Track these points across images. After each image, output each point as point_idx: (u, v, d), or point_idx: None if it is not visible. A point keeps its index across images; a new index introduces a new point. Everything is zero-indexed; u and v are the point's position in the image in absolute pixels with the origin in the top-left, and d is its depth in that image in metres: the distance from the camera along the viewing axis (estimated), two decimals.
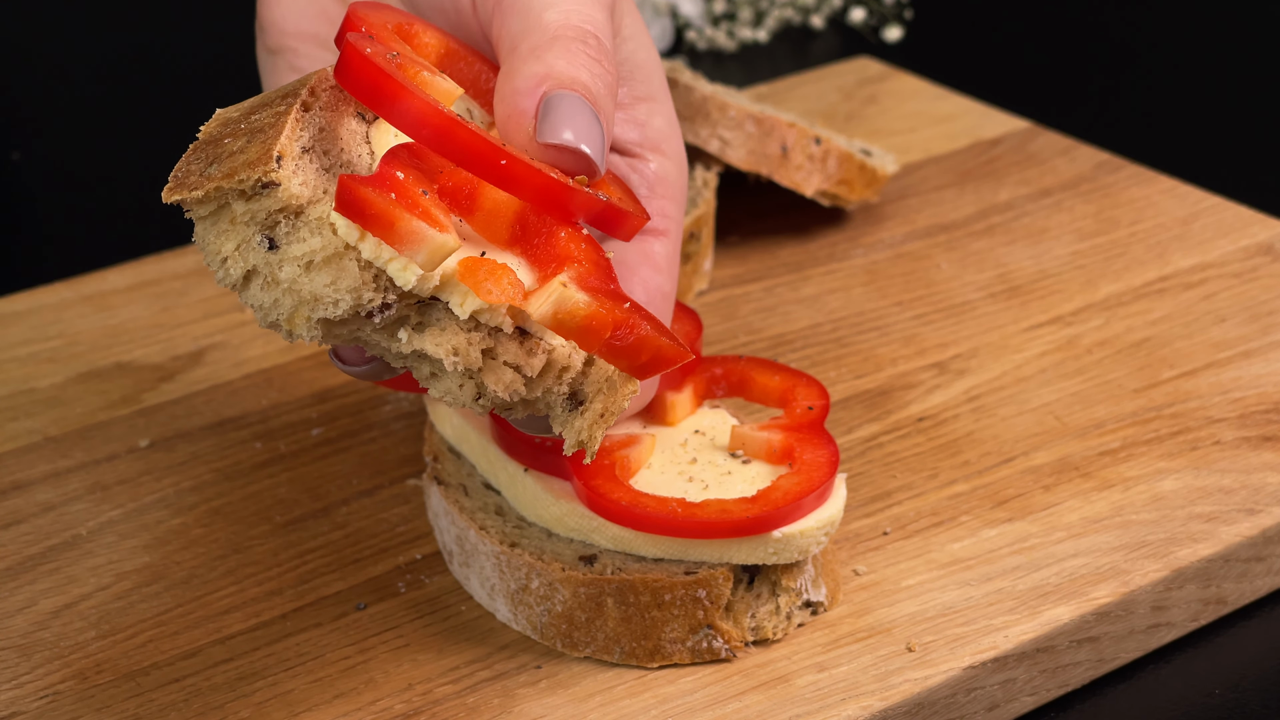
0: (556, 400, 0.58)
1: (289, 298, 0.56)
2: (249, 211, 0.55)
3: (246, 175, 0.55)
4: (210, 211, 0.56)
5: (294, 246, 0.55)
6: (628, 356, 0.57)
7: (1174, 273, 0.91)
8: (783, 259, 0.94)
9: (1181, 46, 1.28)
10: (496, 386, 0.57)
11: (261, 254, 0.56)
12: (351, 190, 0.54)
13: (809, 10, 1.31)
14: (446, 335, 0.56)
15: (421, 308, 0.57)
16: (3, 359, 0.86)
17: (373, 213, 0.54)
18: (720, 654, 0.67)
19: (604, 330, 0.56)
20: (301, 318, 0.56)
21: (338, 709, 0.65)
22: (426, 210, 0.55)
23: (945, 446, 0.79)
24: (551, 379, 0.58)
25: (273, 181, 0.55)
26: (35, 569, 0.73)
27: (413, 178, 0.56)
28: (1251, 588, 0.73)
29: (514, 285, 0.56)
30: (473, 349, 0.57)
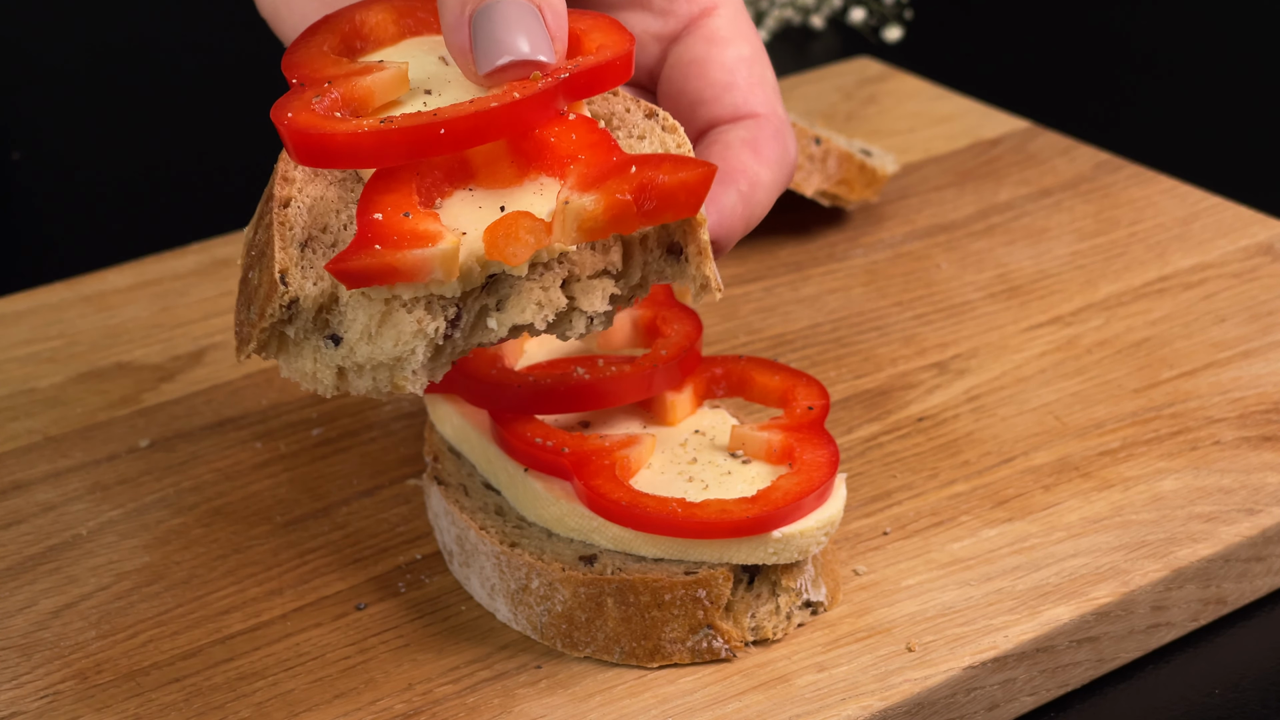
0: (662, 264, 0.59)
1: (380, 373, 0.58)
2: (299, 329, 0.58)
3: (272, 309, 0.57)
4: (275, 349, 0.59)
5: (351, 330, 0.57)
6: (666, 210, 0.57)
7: (1174, 273, 0.91)
8: (783, 259, 0.94)
9: (1181, 47, 1.28)
10: (595, 305, 0.58)
11: (333, 352, 0.58)
12: (345, 270, 0.55)
13: (809, 10, 1.31)
14: (524, 297, 0.57)
15: (488, 289, 0.57)
16: (3, 359, 0.86)
17: (374, 273, 0.55)
18: (720, 654, 0.67)
19: (628, 213, 0.56)
20: (401, 379, 0.58)
21: (338, 709, 0.65)
22: (414, 233, 0.56)
23: (945, 446, 0.79)
24: (639, 253, 0.58)
25: (293, 299, 0.57)
26: (35, 569, 0.73)
27: (391, 206, 0.56)
28: (1251, 588, 0.73)
29: (532, 229, 0.56)
30: (553, 292, 0.57)
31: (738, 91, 0.62)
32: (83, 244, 1.05)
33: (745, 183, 0.61)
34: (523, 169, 0.59)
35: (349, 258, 0.55)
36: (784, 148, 0.62)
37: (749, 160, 0.61)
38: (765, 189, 0.61)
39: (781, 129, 0.62)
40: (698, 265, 0.59)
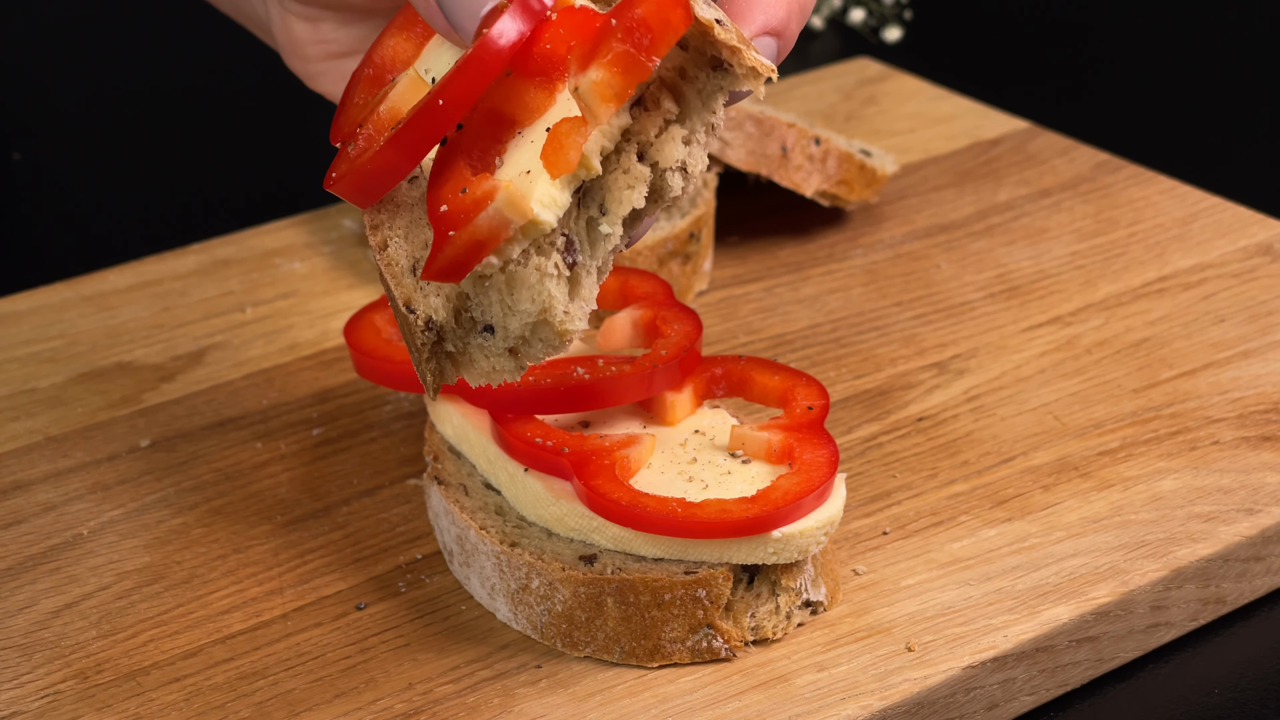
0: (710, 82, 0.59)
1: (541, 333, 0.59)
2: (454, 341, 0.59)
3: (420, 339, 0.59)
4: (450, 365, 0.60)
5: (494, 313, 0.58)
6: (664, 35, 0.57)
7: (1173, 273, 0.92)
8: (783, 259, 0.94)
9: (1181, 47, 1.28)
10: (673, 152, 0.58)
11: (494, 341, 0.59)
12: (440, 271, 0.57)
13: None
14: (614, 189, 0.58)
15: (584, 204, 0.59)
16: (3, 359, 0.87)
17: (462, 258, 0.57)
18: (720, 654, 0.67)
19: (633, 60, 0.56)
20: (560, 324, 0.58)
21: (338, 708, 0.65)
22: (475, 200, 0.57)
23: (945, 446, 0.79)
24: (686, 87, 0.59)
25: (427, 320, 0.59)
26: (36, 568, 0.73)
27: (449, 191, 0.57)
28: (1250, 587, 0.73)
29: (570, 129, 0.57)
30: (635, 168, 0.58)
31: None
32: (83, 244, 1.05)
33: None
34: (546, 87, 0.59)
35: (435, 259, 0.57)
36: None
37: None
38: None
39: None
40: (738, 61, 0.58)
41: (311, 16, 0.70)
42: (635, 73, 0.57)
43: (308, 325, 0.89)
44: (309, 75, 0.72)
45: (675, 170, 0.59)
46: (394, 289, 0.60)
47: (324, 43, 0.71)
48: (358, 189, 0.59)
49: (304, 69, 0.72)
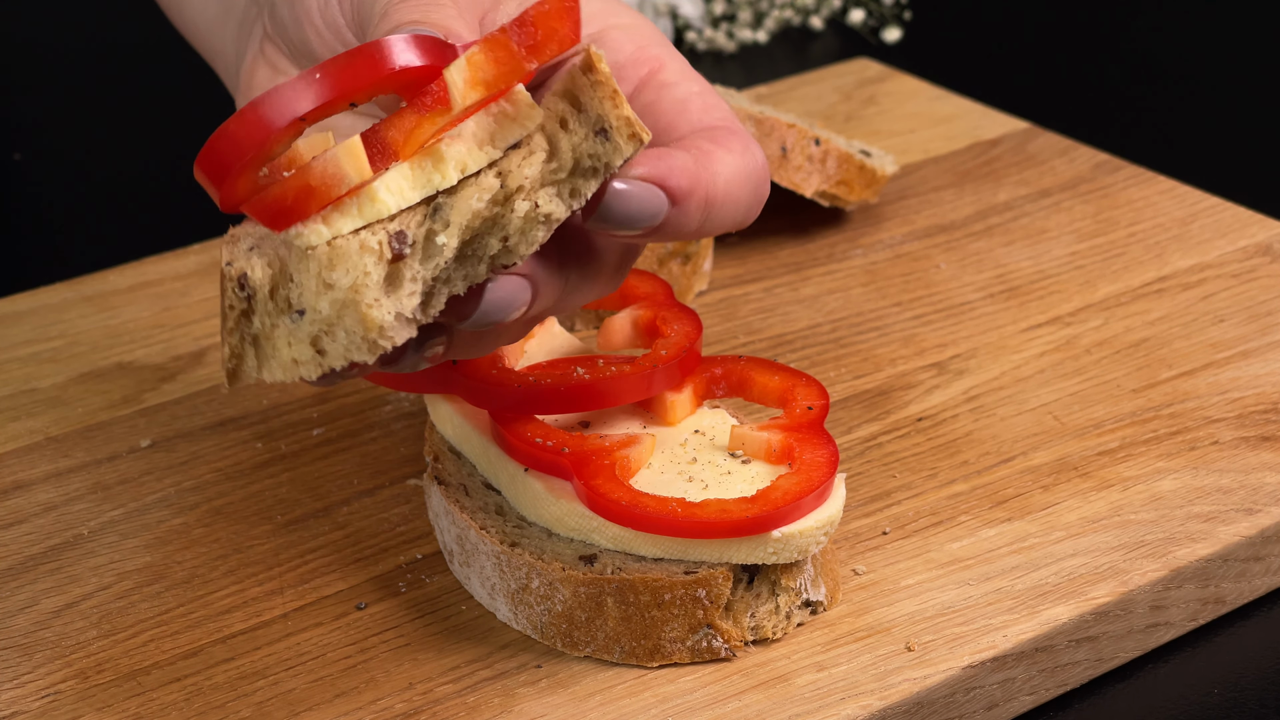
0: (593, 145, 0.58)
1: (346, 315, 0.56)
2: (262, 316, 0.57)
3: (231, 300, 0.57)
4: (254, 356, 0.58)
5: (307, 292, 0.56)
6: (548, 40, 0.56)
7: (1172, 273, 0.92)
8: (782, 259, 0.94)
9: (1181, 47, 1.28)
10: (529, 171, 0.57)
11: (301, 325, 0.57)
12: (261, 207, 0.55)
13: (808, 11, 1.32)
14: (462, 200, 0.57)
15: (432, 213, 0.57)
16: (4, 359, 0.87)
17: (290, 198, 0.55)
18: (720, 653, 0.67)
19: (510, 52, 0.56)
20: (366, 314, 0.56)
21: (338, 708, 0.65)
22: (312, 149, 0.56)
23: (944, 446, 0.79)
24: (564, 139, 0.58)
25: (242, 275, 0.57)
26: (36, 568, 0.73)
27: (287, 154, 0.56)
28: (1250, 587, 0.73)
29: (435, 118, 0.56)
30: (485, 179, 0.57)
31: (692, 113, 0.62)
32: (83, 244, 1.05)
33: (698, 152, 0.60)
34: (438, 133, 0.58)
35: (263, 194, 0.55)
36: (745, 145, 0.61)
37: (703, 143, 0.61)
38: (724, 164, 0.60)
39: (738, 130, 0.62)
40: (615, 114, 0.57)
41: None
42: (509, 66, 0.56)
43: None
44: None
45: (526, 202, 0.57)
46: (224, 254, 0.58)
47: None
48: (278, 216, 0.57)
49: None
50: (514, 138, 0.58)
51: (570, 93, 0.58)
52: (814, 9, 1.31)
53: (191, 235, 0.98)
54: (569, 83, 0.58)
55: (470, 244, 0.57)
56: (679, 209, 0.59)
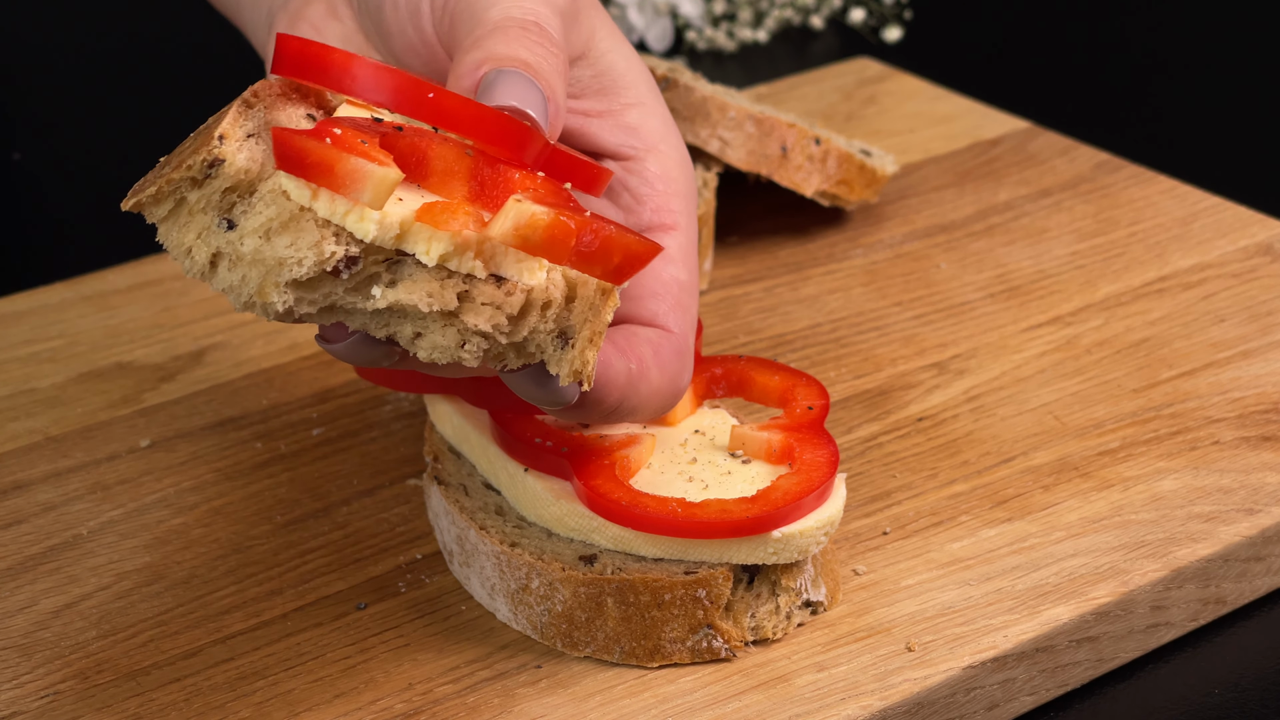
0: (546, 340, 0.58)
1: (255, 270, 0.56)
2: (203, 197, 0.56)
3: (193, 160, 0.56)
4: (169, 210, 0.57)
5: (251, 220, 0.56)
6: (600, 261, 0.57)
7: (1173, 273, 0.92)
8: (783, 259, 0.94)
9: (1181, 47, 1.28)
10: (478, 321, 0.57)
11: (222, 235, 0.56)
12: (287, 141, 0.54)
13: (809, 11, 1.32)
14: (419, 284, 0.56)
15: (391, 265, 0.57)
16: (3, 359, 0.87)
17: (311, 160, 0.55)
18: (720, 654, 0.67)
19: (568, 235, 0.56)
20: (271, 286, 0.56)
21: (338, 708, 0.65)
22: (366, 151, 0.55)
23: (945, 446, 0.79)
24: (535, 317, 0.58)
25: (218, 159, 0.56)
26: (36, 569, 0.73)
27: (351, 132, 0.56)
28: (1250, 587, 0.73)
29: (471, 214, 0.56)
30: (447, 292, 0.56)
31: (660, 301, 0.64)
32: (83, 244, 1.05)
33: (637, 364, 0.62)
34: (475, 197, 0.58)
35: (297, 134, 0.55)
36: (683, 366, 0.64)
37: (648, 354, 0.63)
38: (651, 385, 0.63)
39: (685, 352, 0.64)
40: (581, 350, 0.58)
41: (340, 15, 0.70)
42: (556, 250, 0.56)
43: (308, 325, 0.89)
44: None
45: (461, 329, 0.57)
46: (227, 120, 0.57)
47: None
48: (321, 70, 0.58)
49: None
50: (507, 274, 0.57)
51: (574, 289, 0.58)
52: (814, 8, 1.31)
53: None
54: (583, 282, 0.58)
55: (393, 311, 0.57)
56: (585, 403, 0.62)
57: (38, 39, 1.33)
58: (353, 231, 0.56)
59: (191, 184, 0.56)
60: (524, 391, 0.61)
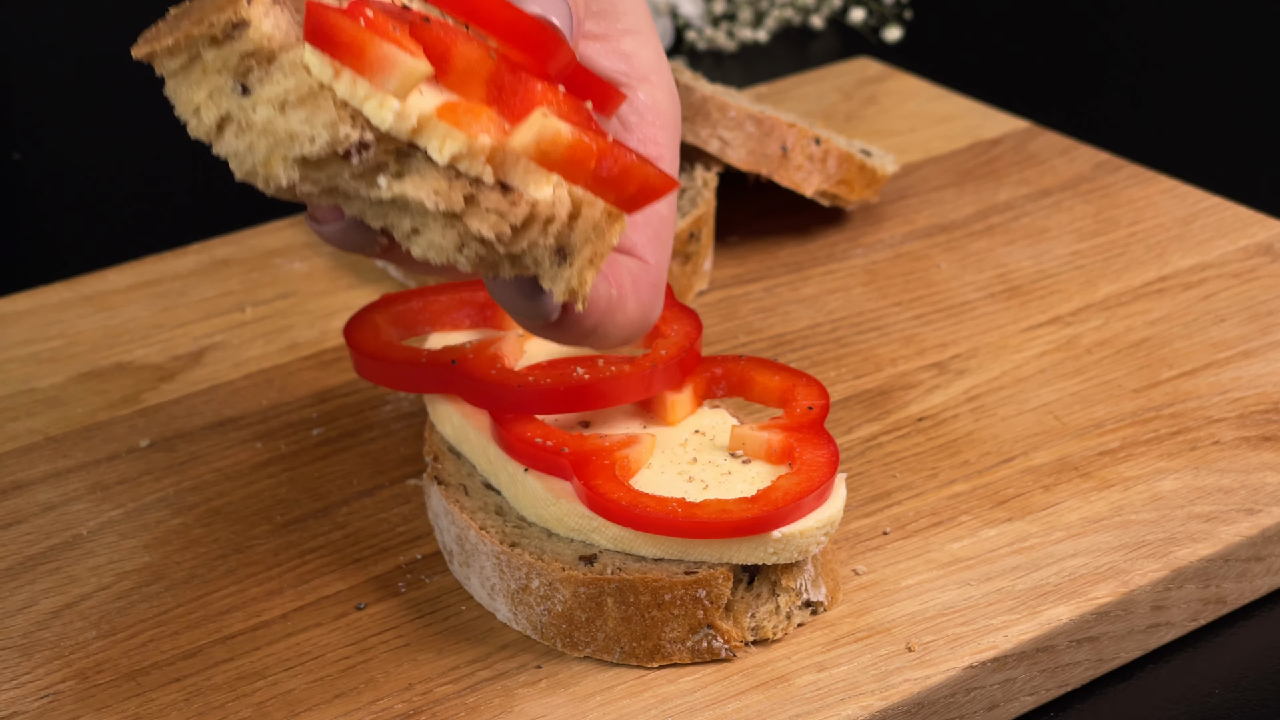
0: (544, 254, 0.57)
1: (264, 139, 0.55)
2: (220, 58, 0.55)
3: (216, 19, 0.55)
4: (181, 65, 0.56)
5: (267, 88, 0.55)
6: (616, 187, 0.56)
7: (1173, 273, 0.92)
8: (783, 259, 0.94)
9: (1181, 46, 1.28)
10: (481, 226, 0.55)
11: (235, 99, 0.55)
12: (320, 15, 0.53)
13: (809, 10, 1.32)
14: (427, 180, 0.55)
15: (401, 156, 0.56)
16: (3, 359, 0.87)
17: (343, 39, 0.54)
18: (720, 654, 0.67)
19: (589, 158, 0.55)
20: (278, 159, 0.55)
21: (338, 709, 0.65)
22: (397, 39, 0.55)
23: (945, 446, 0.79)
24: (536, 231, 0.56)
25: (243, 20, 0.55)
26: (36, 569, 0.73)
27: (383, 17, 0.55)
28: (1251, 587, 0.73)
29: (494, 119, 0.55)
30: (454, 192, 0.55)
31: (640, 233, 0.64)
32: (83, 244, 1.05)
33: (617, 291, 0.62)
34: (492, 100, 0.57)
35: (331, 10, 0.54)
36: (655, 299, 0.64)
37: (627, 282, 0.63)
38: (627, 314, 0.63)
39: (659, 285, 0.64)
40: (580, 270, 0.57)
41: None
42: (573, 170, 0.56)
43: (308, 325, 0.89)
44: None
45: (460, 231, 0.56)
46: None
47: None
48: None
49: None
50: (514, 183, 0.56)
51: (579, 208, 0.57)
52: (814, 8, 1.31)
53: (191, 235, 0.98)
54: (589, 203, 0.57)
55: (395, 203, 0.56)
56: (564, 321, 0.61)
57: (38, 39, 1.33)
58: (370, 117, 0.54)
59: (210, 42, 0.55)
60: (507, 301, 0.60)
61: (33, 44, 1.33)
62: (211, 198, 1.09)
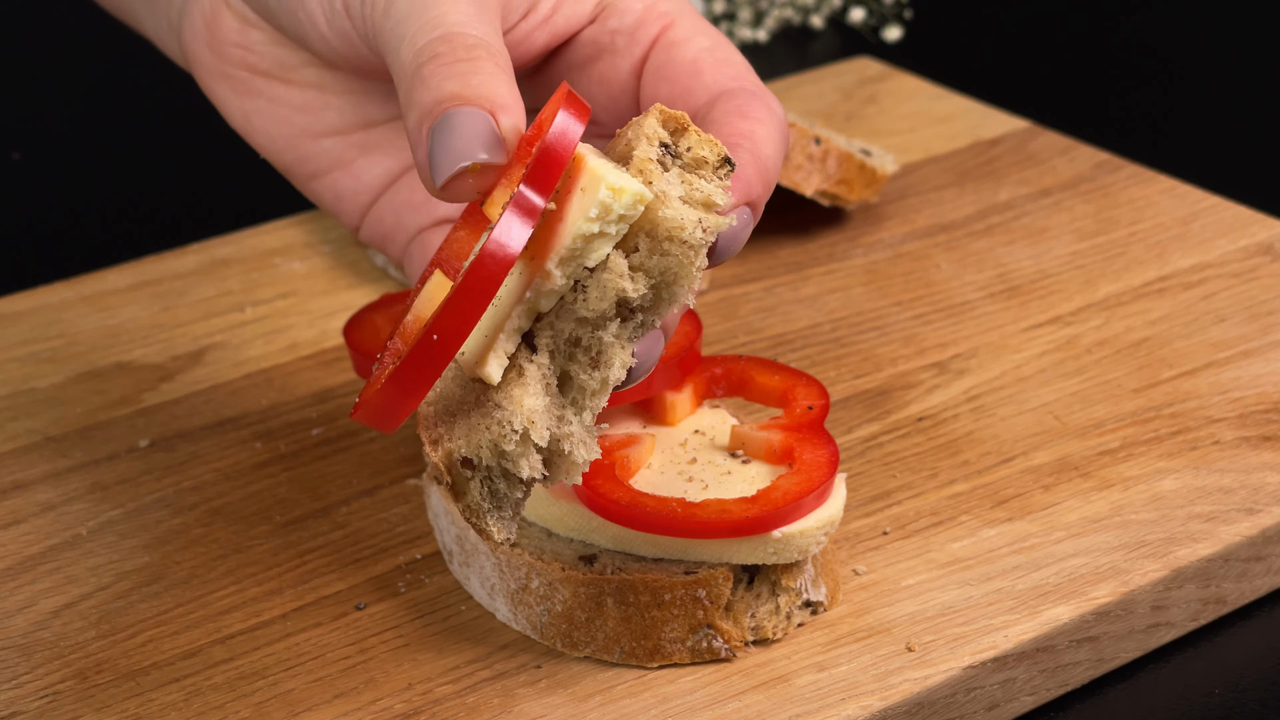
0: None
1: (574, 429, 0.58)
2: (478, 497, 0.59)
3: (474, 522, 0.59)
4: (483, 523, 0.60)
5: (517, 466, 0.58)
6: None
7: (1173, 273, 0.92)
8: (783, 259, 0.94)
9: (1181, 46, 1.28)
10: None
11: (505, 487, 0.59)
12: (381, 401, 0.56)
13: (809, 10, 1.31)
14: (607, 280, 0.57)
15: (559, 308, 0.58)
16: (3, 359, 0.86)
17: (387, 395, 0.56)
18: (720, 654, 0.67)
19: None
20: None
21: (338, 709, 0.65)
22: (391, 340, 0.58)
23: (945, 446, 0.79)
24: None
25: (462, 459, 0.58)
26: (35, 568, 0.73)
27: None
28: (1251, 587, 0.73)
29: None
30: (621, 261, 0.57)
31: (705, 76, 0.63)
32: (83, 244, 1.05)
33: (747, 141, 0.61)
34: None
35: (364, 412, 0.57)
36: (767, 105, 0.62)
37: (739, 123, 0.61)
38: (768, 141, 0.61)
39: (759, 92, 0.63)
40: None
41: (247, 18, 0.67)
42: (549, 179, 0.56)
43: (307, 325, 0.89)
44: (213, 72, 0.68)
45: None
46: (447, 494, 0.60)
47: (245, 49, 0.68)
48: (376, 423, 0.57)
49: (210, 64, 0.68)
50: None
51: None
52: (814, 8, 1.31)
53: (191, 235, 0.98)
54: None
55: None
56: (757, 213, 0.61)
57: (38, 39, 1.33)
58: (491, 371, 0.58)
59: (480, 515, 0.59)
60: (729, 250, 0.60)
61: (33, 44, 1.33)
62: (211, 198, 1.09)
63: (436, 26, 0.59)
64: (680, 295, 0.57)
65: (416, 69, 0.58)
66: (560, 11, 0.64)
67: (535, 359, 0.57)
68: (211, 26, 0.68)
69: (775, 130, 0.62)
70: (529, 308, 0.57)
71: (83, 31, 1.34)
